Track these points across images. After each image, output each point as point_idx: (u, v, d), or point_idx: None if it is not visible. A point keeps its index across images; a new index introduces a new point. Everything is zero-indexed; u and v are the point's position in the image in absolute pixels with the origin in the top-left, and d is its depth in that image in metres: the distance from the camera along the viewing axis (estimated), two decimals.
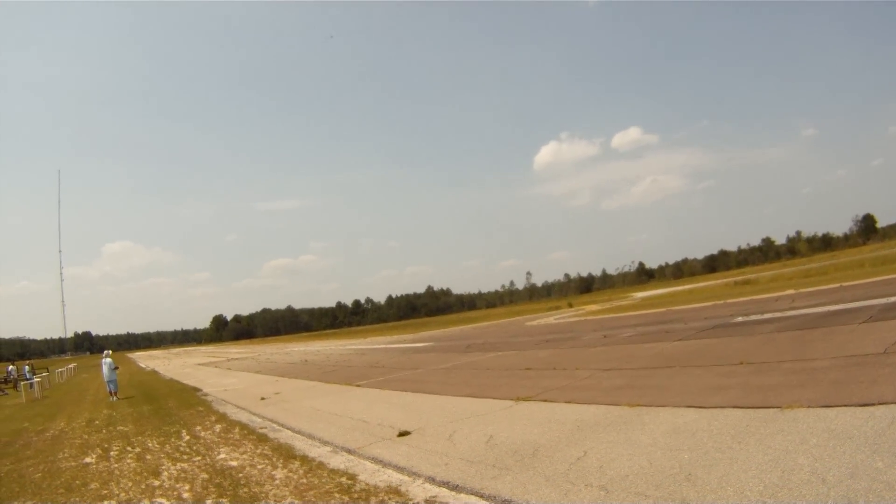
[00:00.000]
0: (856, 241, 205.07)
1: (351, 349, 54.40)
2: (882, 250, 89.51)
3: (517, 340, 34.89)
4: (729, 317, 25.44)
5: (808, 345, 14.16)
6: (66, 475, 11.16)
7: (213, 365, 55.96)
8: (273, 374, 33.67)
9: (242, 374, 38.60)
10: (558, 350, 24.26)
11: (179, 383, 35.28)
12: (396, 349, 44.68)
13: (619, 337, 25.35)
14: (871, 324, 15.49)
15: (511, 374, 18.88)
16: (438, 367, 24.58)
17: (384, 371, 26.05)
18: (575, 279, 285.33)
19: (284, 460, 10.52)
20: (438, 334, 65.19)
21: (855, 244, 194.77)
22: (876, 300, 20.42)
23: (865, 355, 11.39)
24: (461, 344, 38.97)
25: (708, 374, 12.71)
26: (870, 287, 27.06)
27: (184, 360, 78.28)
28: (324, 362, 39.47)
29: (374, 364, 31.39)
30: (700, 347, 17.61)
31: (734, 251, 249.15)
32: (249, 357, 65.33)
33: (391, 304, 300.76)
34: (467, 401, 14.57)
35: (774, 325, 19.36)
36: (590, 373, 15.93)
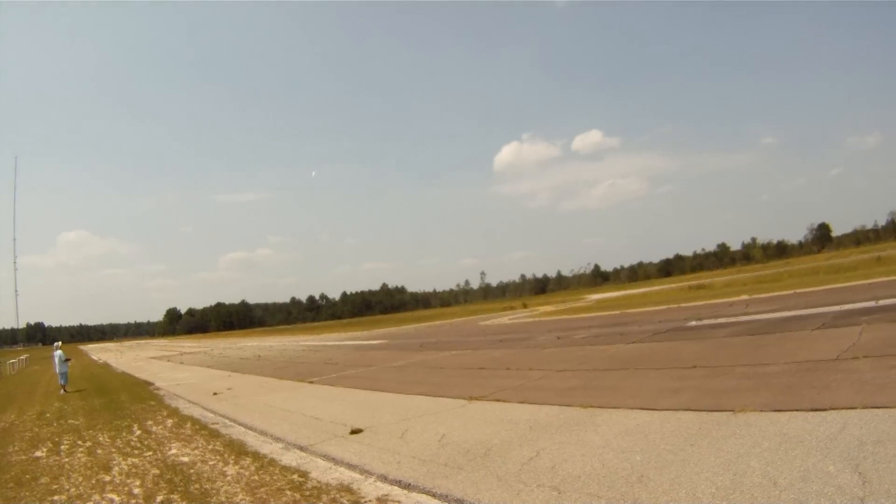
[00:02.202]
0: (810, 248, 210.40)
1: (305, 345, 54.56)
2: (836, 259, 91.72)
3: (471, 340, 35.15)
4: (683, 321, 25.89)
5: (762, 350, 14.48)
6: (15, 469, 10.96)
7: (165, 359, 55.99)
8: (226, 370, 33.67)
9: (195, 368, 38.65)
10: (512, 350, 24.49)
11: (132, 377, 35.11)
12: (350, 346, 44.95)
13: (573, 338, 25.63)
14: (824, 330, 15.88)
15: (464, 373, 19.06)
16: (392, 365, 24.74)
17: (337, 368, 26.07)
18: (530, 280, 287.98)
19: (236, 457, 10.45)
20: (393, 332, 65.42)
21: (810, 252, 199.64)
22: (829, 307, 20.94)
23: (818, 361, 11.68)
24: (415, 342, 39.23)
25: (661, 377, 12.92)
26: (823, 294, 27.73)
27: (136, 354, 78.30)
28: (277, 358, 39.63)
29: (328, 361, 31.48)
30: (654, 350, 17.91)
31: (689, 256, 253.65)
32: (202, 351, 65.44)
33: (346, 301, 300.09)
34: (420, 399, 14.65)
35: (728, 330, 19.75)
36: (543, 373, 16.09)
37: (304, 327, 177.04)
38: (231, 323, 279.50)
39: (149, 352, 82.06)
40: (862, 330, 14.52)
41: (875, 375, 9.54)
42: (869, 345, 12.43)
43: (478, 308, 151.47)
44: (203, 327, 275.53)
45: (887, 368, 9.84)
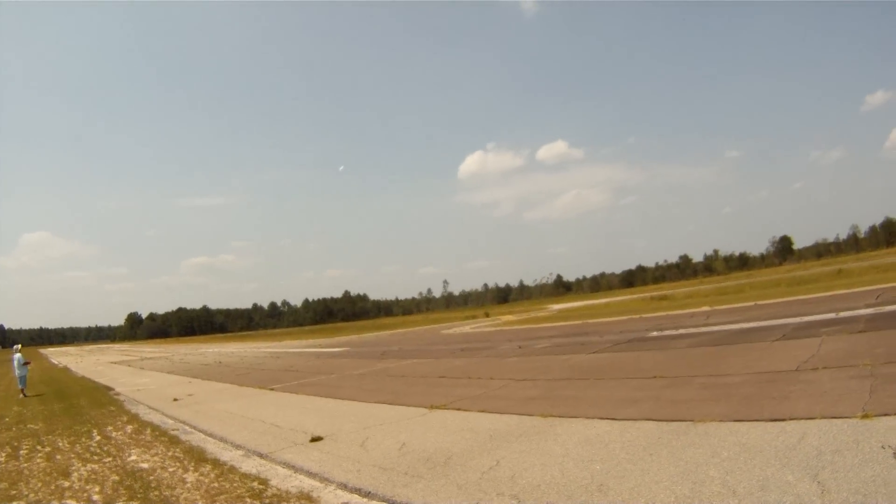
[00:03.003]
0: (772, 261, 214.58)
1: (266, 352, 54.53)
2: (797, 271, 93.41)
3: (433, 348, 35.20)
4: (644, 331, 26.13)
5: (722, 360, 14.66)
6: None
7: (126, 364, 55.83)
8: (186, 376, 33.59)
9: (155, 374, 38.52)
10: (473, 359, 24.53)
11: (92, 381, 34.89)
12: (311, 353, 45.04)
13: (534, 348, 25.76)
14: (785, 342, 16.12)
15: (425, 381, 19.13)
16: (353, 372, 24.77)
17: (298, 375, 26.15)
18: (493, 289, 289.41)
19: (196, 463, 10.39)
20: (354, 340, 65.41)
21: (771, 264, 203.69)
22: (789, 319, 21.28)
23: (778, 372, 11.86)
24: (376, 350, 39.32)
25: (622, 387, 13.03)
26: (784, 306, 28.17)
27: (97, 358, 77.77)
28: (238, 365, 39.56)
29: (289, 368, 31.54)
30: (614, 360, 18.04)
31: (652, 267, 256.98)
32: (163, 357, 65.22)
33: (308, 308, 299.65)
34: (381, 407, 14.68)
35: (689, 341, 19.98)
36: (504, 382, 16.18)
37: (266, 334, 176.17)
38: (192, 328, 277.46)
39: (109, 356, 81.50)
40: (822, 341, 14.77)
41: (834, 386, 9.71)
42: (829, 356, 12.64)
43: (440, 317, 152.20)
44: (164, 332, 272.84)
45: (846, 379, 10.03)
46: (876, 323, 16.52)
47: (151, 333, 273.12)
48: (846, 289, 32.02)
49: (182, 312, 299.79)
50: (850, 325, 17.00)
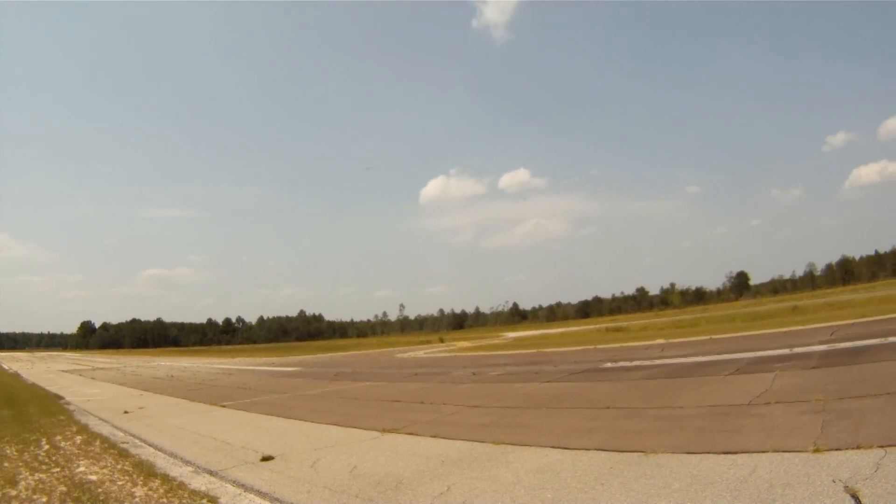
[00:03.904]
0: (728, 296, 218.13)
1: (218, 368, 54.86)
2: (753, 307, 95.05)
3: (387, 372, 35.36)
4: (598, 362, 26.32)
5: (676, 393, 14.85)
6: None
7: (77, 373, 56.04)
8: (138, 388, 33.59)
9: (106, 384, 38.64)
10: (427, 384, 24.64)
11: (42, 389, 34.79)
12: (265, 372, 45.50)
13: (488, 375, 25.92)
14: (738, 376, 16.38)
15: (378, 405, 19.17)
16: (306, 393, 24.92)
17: (251, 393, 26.26)
18: (448, 315, 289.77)
19: (145, 478, 10.23)
20: (308, 360, 65.55)
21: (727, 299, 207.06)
22: (744, 354, 21.61)
23: (731, 406, 12.04)
24: (330, 371, 39.45)
25: (575, 417, 13.11)
26: (739, 341, 28.62)
27: (48, 365, 78.25)
28: (190, 379, 39.79)
29: (241, 385, 31.72)
30: (568, 390, 18.20)
31: (608, 298, 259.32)
32: (115, 368, 65.48)
33: (262, 326, 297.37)
34: (333, 429, 14.69)
35: (643, 373, 20.18)
36: (457, 409, 16.24)
37: (219, 350, 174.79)
38: (145, 340, 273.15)
39: (61, 364, 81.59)
40: (775, 376, 15.03)
41: (786, 420, 9.90)
42: (782, 391, 12.88)
43: (395, 340, 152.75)
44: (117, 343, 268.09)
45: (798, 414, 10.23)
46: (829, 359, 16.86)
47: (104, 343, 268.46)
48: (801, 325, 32.65)
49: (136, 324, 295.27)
50: (803, 360, 17.33)
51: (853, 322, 28.38)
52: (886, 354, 15.78)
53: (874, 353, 16.52)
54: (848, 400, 10.80)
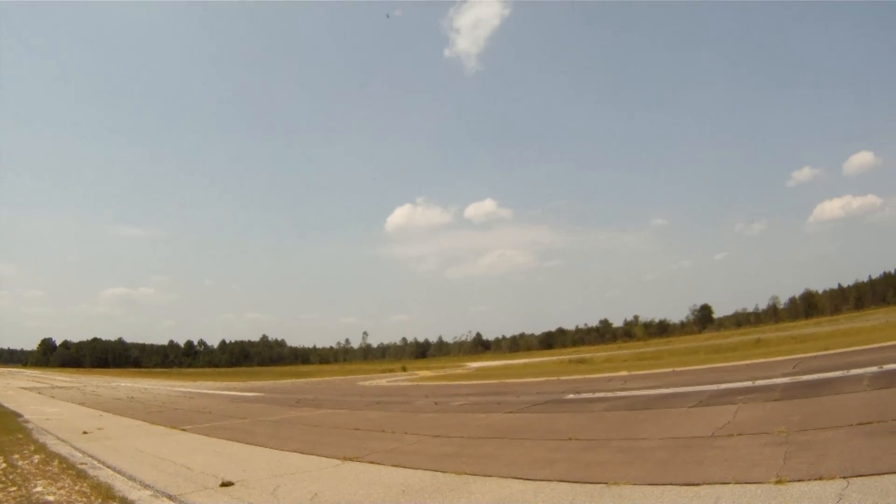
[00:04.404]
0: (692, 328, 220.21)
1: (179, 391, 55.13)
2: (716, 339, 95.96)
3: (349, 399, 35.56)
4: (561, 393, 26.35)
5: (638, 425, 14.91)
6: None
7: (36, 391, 56.36)
8: (98, 409, 33.65)
9: (66, 404, 38.82)
10: (389, 413, 24.64)
11: (0, 406, 34.62)
12: (225, 396, 45.85)
13: (450, 405, 25.88)
14: (701, 408, 16.50)
15: (340, 432, 19.14)
16: (267, 418, 25.01)
17: (211, 418, 26.35)
18: (411, 343, 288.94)
19: (103, 500, 10.20)
20: (269, 385, 66.00)
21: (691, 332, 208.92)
22: (706, 386, 21.77)
23: (693, 437, 12.11)
24: (292, 398, 39.63)
25: (537, 448, 13.10)
26: (701, 373, 28.85)
27: (6, 382, 78.45)
28: (151, 402, 40.01)
29: (202, 409, 31.88)
30: (531, 421, 18.19)
31: (572, 330, 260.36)
32: (75, 387, 65.60)
33: (224, 350, 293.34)
34: (294, 456, 14.70)
35: (606, 405, 20.24)
36: (419, 438, 16.20)
37: (180, 372, 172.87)
38: (106, 360, 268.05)
39: (20, 381, 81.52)
40: (738, 408, 15.16)
41: (749, 452, 9.97)
42: (744, 423, 12.98)
43: (357, 368, 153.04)
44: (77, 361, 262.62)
45: (760, 446, 10.30)
46: (792, 392, 17.04)
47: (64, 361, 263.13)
48: (764, 358, 33.00)
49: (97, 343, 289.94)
50: (766, 393, 17.49)
51: (816, 355, 28.75)
52: (848, 387, 15.98)
53: (836, 385, 16.72)
54: (810, 432, 10.91)
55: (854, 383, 16.45)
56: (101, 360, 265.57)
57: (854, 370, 19.12)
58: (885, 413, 11.30)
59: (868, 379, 16.76)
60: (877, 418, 10.92)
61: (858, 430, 10.38)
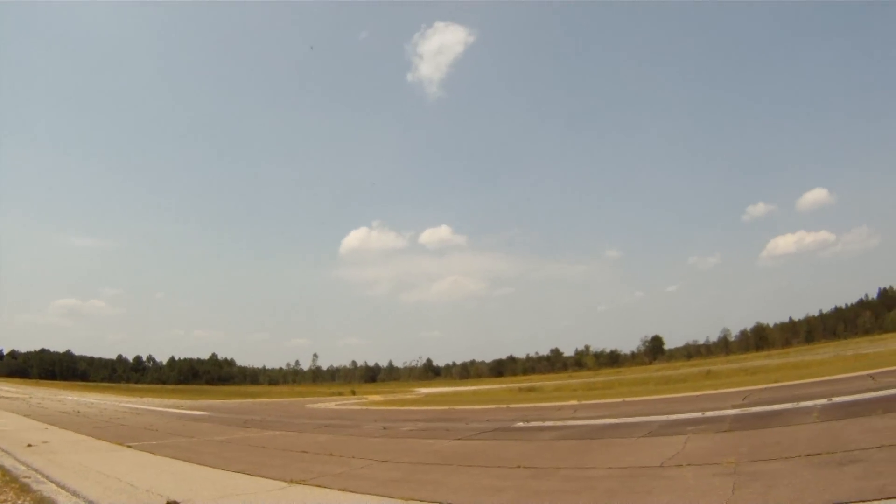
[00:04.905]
0: (643, 359, 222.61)
1: (127, 407, 55.18)
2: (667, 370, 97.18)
3: (297, 422, 35.34)
4: (511, 421, 26.30)
5: (587, 454, 14.91)
6: None
7: None
8: (43, 421, 33.38)
9: (11, 415, 38.76)
10: (337, 436, 24.54)
11: None
12: (173, 414, 46.04)
13: (399, 430, 25.74)
14: (650, 438, 16.56)
15: (287, 454, 19.02)
16: (214, 438, 24.90)
17: (158, 435, 26.16)
18: (362, 367, 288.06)
19: None
20: (217, 405, 66.17)
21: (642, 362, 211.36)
22: (656, 417, 21.89)
23: (642, 467, 12.12)
24: (240, 418, 39.68)
25: (485, 475, 13.01)
26: (652, 404, 29.03)
27: None
28: (97, 416, 39.86)
29: (149, 426, 31.73)
30: (480, 448, 18.08)
31: (522, 358, 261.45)
32: (20, 398, 65.84)
33: (173, 367, 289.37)
34: (240, 477, 14.56)
35: (555, 433, 20.26)
36: (367, 462, 16.05)
37: (128, 388, 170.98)
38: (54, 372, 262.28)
39: None
40: (687, 439, 15.23)
41: (698, 482, 9.98)
42: (693, 453, 13.02)
43: (306, 390, 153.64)
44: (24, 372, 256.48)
45: (710, 476, 10.33)
46: (741, 423, 17.21)
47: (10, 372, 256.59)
48: (714, 389, 33.38)
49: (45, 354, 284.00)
50: (715, 424, 17.63)
51: (766, 387, 29.18)
52: (798, 419, 16.18)
53: (786, 417, 16.93)
54: (759, 462, 10.97)
55: (804, 415, 16.66)
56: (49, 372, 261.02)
57: (804, 402, 19.38)
58: (835, 445, 11.44)
59: (818, 411, 16.99)
60: (826, 450, 11.04)
61: (808, 461, 10.47)
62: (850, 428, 13.51)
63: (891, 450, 10.25)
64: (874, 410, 15.24)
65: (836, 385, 24.14)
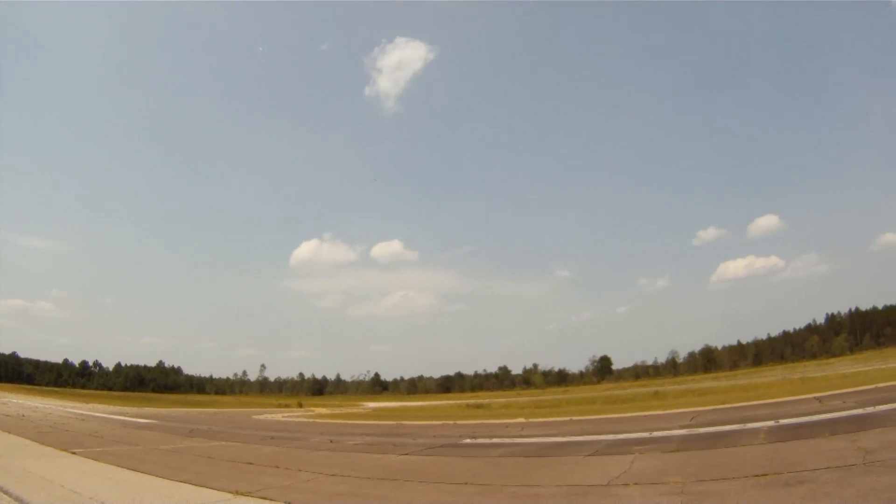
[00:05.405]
0: (591, 379, 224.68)
1: (72, 412, 54.83)
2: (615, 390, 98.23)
3: (243, 433, 35.17)
4: (458, 437, 26.26)
5: (534, 472, 14.94)
6: None
7: None
8: None
9: None
10: (283, 448, 24.47)
11: None
12: (118, 421, 45.56)
13: (346, 444, 25.62)
14: (597, 457, 16.63)
15: (233, 465, 18.83)
16: (159, 447, 24.59)
17: (103, 442, 25.90)
18: (309, 379, 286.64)
19: None
20: (163, 413, 65.48)
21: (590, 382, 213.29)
22: (604, 436, 22.00)
23: (589, 486, 12.18)
24: (185, 427, 39.44)
25: (432, 491, 12.98)
26: (599, 423, 29.20)
27: None
28: (42, 421, 39.52)
29: (94, 433, 31.42)
30: (427, 464, 18.02)
31: (470, 375, 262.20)
32: None
33: (120, 373, 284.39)
34: (186, 487, 14.35)
35: (502, 450, 20.22)
36: (313, 476, 15.95)
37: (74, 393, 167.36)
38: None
39: None
40: (634, 458, 15.31)
41: (644, 501, 10.05)
42: (640, 473, 13.09)
43: (253, 401, 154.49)
44: None
45: (657, 495, 10.39)
46: (688, 443, 17.37)
47: None
48: (662, 410, 33.66)
49: None
50: (663, 444, 17.77)
51: (713, 408, 29.59)
52: (745, 440, 16.40)
53: (733, 438, 17.14)
54: (707, 482, 11.06)
55: (751, 436, 16.89)
56: None
57: (751, 424, 19.66)
58: (781, 465, 11.60)
59: (764, 433, 17.25)
60: (773, 470, 11.18)
61: (755, 481, 10.59)
62: (797, 449, 13.72)
63: (837, 471, 10.42)
64: (821, 433, 15.52)
65: (784, 407, 24.54)
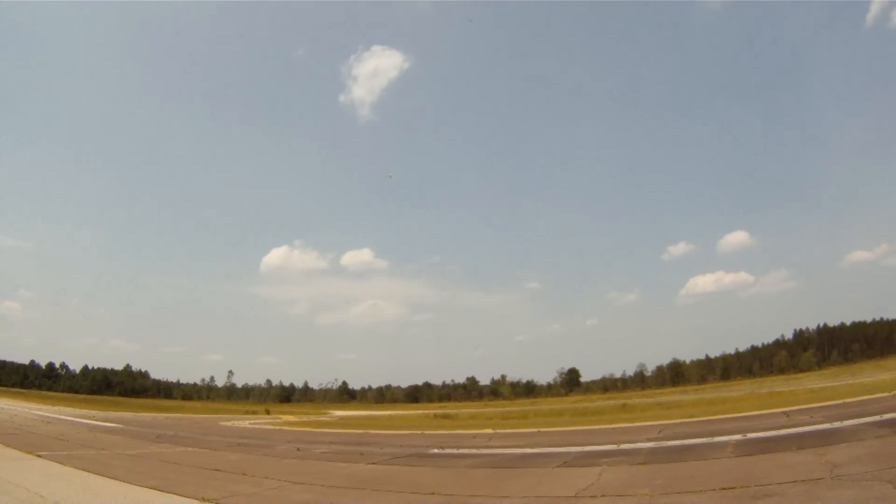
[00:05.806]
0: (559, 391, 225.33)
1: (37, 415, 54.33)
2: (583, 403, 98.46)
3: (210, 439, 35.02)
4: (425, 447, 26.19)
5: (502, 482, 14.99)
6: None
7: None
8: None
9: None
10: (250, 456, 24.38)
11: None
12: (84, 425, 44.91)
13: (312, 452, 25.52)
14: (565, 469, 16.67)
15: (200, 472, 18.72)
16: (125, 452, 24.48)
17: (69, 446, 25.68)
18: (277, 387, 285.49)
19: None
20: (130, 417, 64.83)
21: (558, 394, 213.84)
22: (571, 448, 22.03)
23: (556, 497, 12.22)
24: (152, 432, 39.24)
25: (399, 500, 13.06)
26: (567, 435, 29.31)
27: None
28: (7, 423, 39.47)
29: (59, 436, 31.17)
30: (394, 473, 17.95)
31: (438, 385, 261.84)
32: None
33: (86, 376, 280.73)
34: (152, 493, 14.31)
35: (470, 461, 20.21)
36: (279, 483, 15.93)
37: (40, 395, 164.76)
38: None
39: None
40: (602, 470, 15.34)
41: None
42: (608, 485, 13.12)
43: (220, 407, 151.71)
44: None
45: None
46: (656, 456, 17.46)
47: None
48: (630, 422, 33.79)
49: None
50: (631, 456, 17.84)
51: (681, 421, 29.74)
52: (712, 453, 16.50)
53: (700, 451, 17.24)
54: (674, 495, 11.12)
55: (718, 450, 17.00)
56: None
57: (718, 437, 19.81)
58: (748, 479, 11.68)
59: (732, 446, 17.39)
60: (740, 483, 11.25)
61: (721, 494, 10.66)
62: (764, 463, 13.83)
63: (804, 484, 10.51)
64: (788, 447, 15.66)
65: (751, 421, 24.76)
